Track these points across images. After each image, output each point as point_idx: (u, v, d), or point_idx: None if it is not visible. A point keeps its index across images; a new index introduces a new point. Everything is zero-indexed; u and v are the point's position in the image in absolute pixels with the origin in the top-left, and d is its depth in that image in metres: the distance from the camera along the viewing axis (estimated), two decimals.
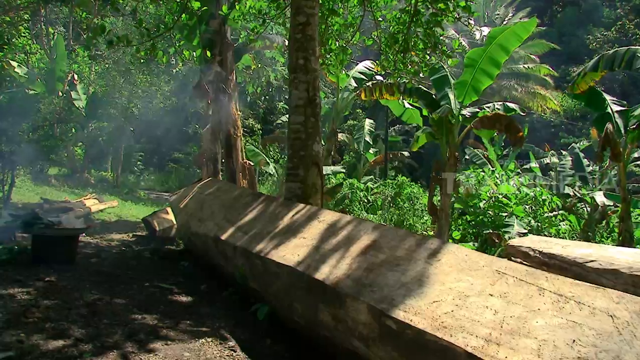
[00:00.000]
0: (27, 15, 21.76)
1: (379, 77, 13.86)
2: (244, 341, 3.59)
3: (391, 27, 8.39)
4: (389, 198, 14.44)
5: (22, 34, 20.41)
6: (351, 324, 2.80)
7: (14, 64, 15.96)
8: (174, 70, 19.64)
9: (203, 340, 3.54)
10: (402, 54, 8.20)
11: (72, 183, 16.71)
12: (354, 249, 3.24)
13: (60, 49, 16.89)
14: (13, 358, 2.34)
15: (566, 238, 8.77)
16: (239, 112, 10.31)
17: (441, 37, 8.02)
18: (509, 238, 7.64)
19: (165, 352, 3.26)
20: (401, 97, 11.48)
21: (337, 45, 8.86)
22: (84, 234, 6.48)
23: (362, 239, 3.33)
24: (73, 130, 17.87)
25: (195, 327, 3.81)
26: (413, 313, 2.45)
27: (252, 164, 10.95)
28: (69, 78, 17.51)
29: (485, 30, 24.43)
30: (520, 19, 27.15)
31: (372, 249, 3.16)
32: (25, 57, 18.22)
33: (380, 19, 8.66)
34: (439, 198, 9.73)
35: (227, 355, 3.33)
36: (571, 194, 12.36)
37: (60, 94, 17.23)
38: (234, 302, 4.49)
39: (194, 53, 10.11)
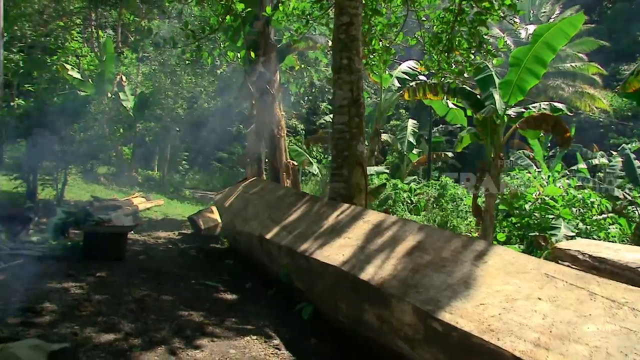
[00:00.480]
0: (79, 20, 22.42)
1: (422, 77, 13.78)
2: (288, 340, 3.62)
3: (435, 27, 8.32)
4: (433, 199, 14.32)
5: (75, 38, 21.06)
6: (396, 325, 2.80)
7: (68, 67, 16.45)
8: (219, 71, 19.90)
9: (248, 338, 3.58)
10: (446, 54, 8.12)
11: (120, 182, 17.11)
12: (400, 250, 3.23)
13: (109, 51, 17.29)
14: (69, 349, 2.42)
15: (616, 242, 8.52)
16: (282, 113, 10.37)
17: (486, 36, 7.91)
18: (556, 241, 7.49)
19: (211, 349, 3.32)
20: (445, 97, 11.39)
21: (381, 45, 8.83)
22: (132, 232, 6.62)
23: (408, 240, 3.32)
24: (121, 130, 18.29)
25: (240, 324, 3.86)
26: (459, 315, 2.43)
27: (295, 164, 11.01)
28: (118, 80, 17.91)
29: (531, 29, 23.90)
30: (569, 16, 26.49)
31: (418, 250, 3.15)
32: (77, 60, 18.76)
33: (423, 18, 8.59)
34: (484, 199, 9.60)
35: (272, 354, 3.36)
36: (621, 196, 12.00)
37: (110, 95, 17.66)
38: (279, 300, 4.54)
39: (238, 54, 10.23)
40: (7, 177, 9.05)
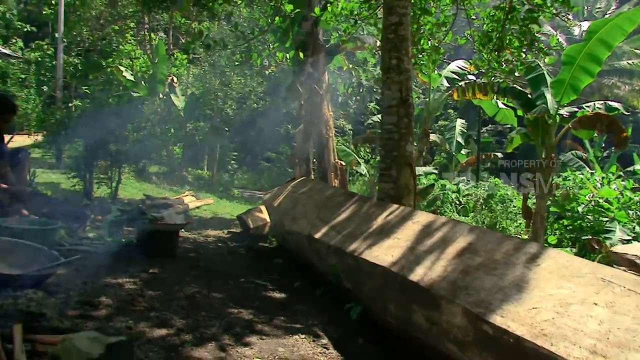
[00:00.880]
0: (133, 24, 23.05)
1: (471, 77, 13.61)
2: (336, 339, 3.63)
3: (485, 25, 8.21)
4: (482, 200, 14.14)
5: (128, 41, 21.65)
6: (446, 327, 2.78)
7: (122, 68, 16.93)
8: (267, 72, 20.11)
9: (297, 336, 3.61)
10: (496, 53, 8.01)
11: (171, 181, 17.48)
12: (450, 251, 3.21)
13: (161, 53, 17.70)
14: (125, 342, 2.50)
15: None
16: (330, 113, 10.41)
17: (537, 34, 7.77)
18: (611, 245, 7.29)
19: (260, 346, 3.36)
20: (495, 97, 11.21)
21: (430, 44, 8.77)
22: (183, 230, 6.76)
23: (458, 241, 3.29)
24: (172, 130, 18.68)
25: (289, 323, 3.90)
26: (511, 319, 2.40)
27: (343, 164, 11.05)
28: (169, 81, 18.32)
29: (585, 25, 23.20)
30: (626, 11, 25.60)
31: (468, 252, 3.12)
32: (131, 62, 19.27)
33: (473, 17, 8.49)
34: (534, 201, 9.41)
35: (320, 353, 3.39)
36: None
37: (161, 96, 18.07)
38: (327, 300, 4.56)
39: (287, 55, 10.32)
40: (66, 176, 9.38)
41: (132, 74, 18.01)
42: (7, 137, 6.28)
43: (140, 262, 5.01)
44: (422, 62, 8.93)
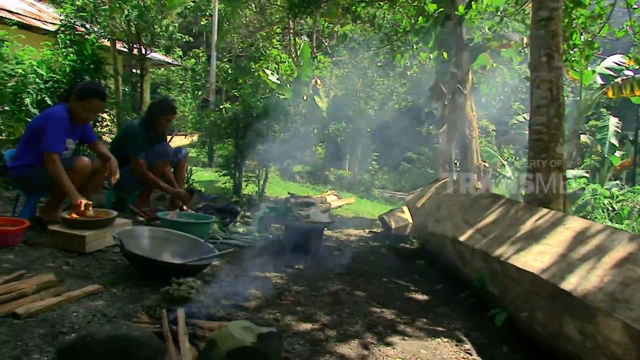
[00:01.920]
0: (279, 29, 24.08)
1: (629, 72, 12.67)
2: (480, 345, 3.55)
3: None
4: (638, 207, 13.03)
5: (274, 46, 22.63)
6: (602, 342, 2.62)
7: (268, 72, 17.73)
8: (409, 73, 20.05)
9: (439, 339, 3.59)
10: None
11: (314, 180, 18.00)
12: (607, 261, 3.01)
13: (306, 56, 18.27)
14: (275, 334, 2.63)
15: None
16: (474, 113, 10.17)
17: None
18: None
19: (403, 347, 3.38)
20: None
21: (582, 39, 8.27)
22: (326, 228, 6.93)
23: (616, 250, 3.08)
24: (315, 131, 19.21)
25: (431, 325, 3.88)
26: None
27: (487, 165, 10.73)
28: (313, 83, 18.85)
29: None
30: None
31: (628, 262, 2.90)
32: (276, 66, 20.11)
33: (635, 6, 7.88)
34: None
35: (462, 358, 3.33)
36: None
37: (305, 97, 18.66)
38: (470, 304, 4.48)
39: (431, 55, 10.23)
40: (218, 174, 10.02)
41: (277, 77, 18.77)
42: (167, 137, 6.84)
43: (287, 258, 5.22)
44: (573, 58, 8.44)
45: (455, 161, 10.27)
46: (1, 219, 4.61)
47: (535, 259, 3.43)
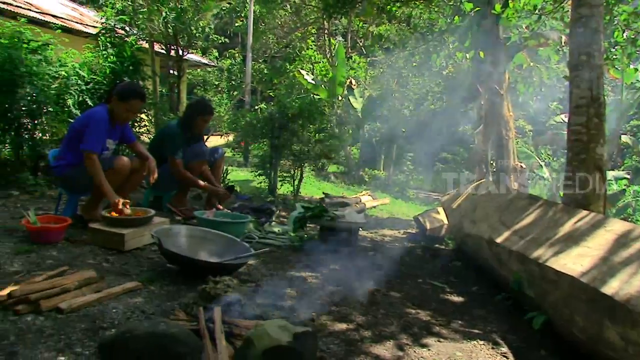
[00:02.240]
0: (314, 30, 24.16)
1: None
2: (517, 349, 3.51)
3: None
4: None
5: (309, 47, 22.72)
6: None
7: (303, 72, 17.80)
8: (444, 72, 19.90)
9: (475, 342, 3.55)
10: None
11: (348, 180, 18.01)
12: None
13: (341, 56, 18.27)
14: (310, 333, 2.65)
15: None
16: (510, 113, 10.03)
17: None
18: None
19: (438, 349, 3.36)
20: None
21: (625, 36, 8.08)
22: (361, 228, 6.92)
23: None
24: (349, 131, 19.20)
25: (466, 328, 3.84)
26: None
27: (524, 166, 10.57)
28: (348, 83, 18.85)
29: None
30: None
31: None
32: (311, 67, 20.17)
33: None
34: None
35: None
36: None
37: (340, 98, 18.67)
38: (507, 307, 4.42)
39: (467, 55, 10.14)
40: (253, 174, 10.10)
41: (312, 78, 18.82)
42: (204, 137, 6.94)
43: (322, 258, 5.24)
44: (615, 56, 8.25)
45: (491, 162, 10.15)
46: (45, 217, 4.74)
47: (574, 262, 3.37)
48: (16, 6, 12.87)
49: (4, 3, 11.91)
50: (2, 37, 6.69)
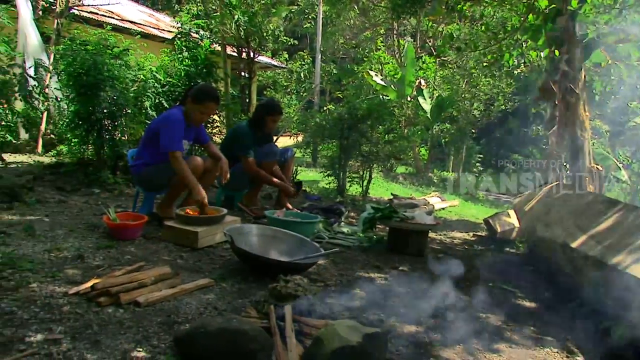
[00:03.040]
0: (382, 30, 24.07)
1: None
2: (593, 359, 3.40)
3: None
4: None
5: (378, 47, 22.65)
6: None
7: (372, 73, 17.77)
8: (516, 72, 19.38)
9: (548, 349, 3.46)
10: None
11: (417, 181, 17.82)
12: None
13: (410, 57, 18.10)
14: (380, 334, 2.65)
15: None
16: (587, 114, 9.65)
17: None
18: None
19: (509, 355, 3.29)
20: None
21: None
22: (431, 230, 6.85)
23: None
24: (419, 132, 19.01)
25: (539, 334, 3.74)
26: None
27: (600, 168, 10.15)
28: (417, 84, 18.66)
29: None
30: None
31: None
32: (380, 67, 20.10)
33: None
34: None
35: None
36: None
37: (409, 98, 18.50)
38: (582, 314, 4.26)
39: (542, 53, 9.83)
40: (322, 174, 10.16)
41: (381, 78, 18.74)
42: (274, 138, 7.06)
43: (390, 259, 5.22)
44: None
45: (565, 163, 9.80)
46: (123, 214, 4.97)
47: None
48: (100, 14, 13.52)
49: (89, 12, 12.50)
50: (89, 44, 7.06)
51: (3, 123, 5.54)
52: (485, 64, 15.95)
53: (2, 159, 5.24)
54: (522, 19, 9.45)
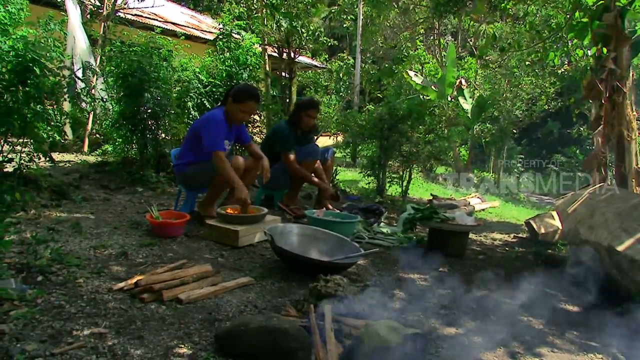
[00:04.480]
0: (422, 30, 23.90)
1: None
2: None
3: None
4: None
5: (418, 47, 22.50)
6: None
7: (411, 73, 17.65)
8: (560, 71, 19.00)
9: (592, 355, 3.40)
10: None
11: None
12: None
13: (451, 57, 17.90)
14: (420, 335, 2.65)
15: None
16: (634, 113, 9.40)
17: None
18: None
19: (551, 359, 3.25)
20: None
21: None
22: (471, 231, 6.78)
23: None
24: (459, 132, 18.79)
25: (582, 339, 3.68)
26: None
27: None
28: (458, 84, 18.44)
29: None
30: None
31: None
32: (420, 67, 19.95)
33: None
34: None
35: None
36: None
37: (450, 99, 18.30)
38: (628, 320, 4.17)
39: (589, 52, 9.61)
40: (361, 174, 10.16)
41: (422, 79, 18.60)
42: (314, 138, 7.10)
43: (431, 260, 5.19)
44: None
45: (611, 164, 9.56)
46: (166, 213, 5.07)
47: None
48: (145, 17, 13.80)
49: (134, 15, 12.79)
50: (137, 46, 7.23)
51: (52, 124, 5.69)
52: (528, 63, 15.69)
53: (52, 158, 5.40)
54: (567, 16, 9.25)
